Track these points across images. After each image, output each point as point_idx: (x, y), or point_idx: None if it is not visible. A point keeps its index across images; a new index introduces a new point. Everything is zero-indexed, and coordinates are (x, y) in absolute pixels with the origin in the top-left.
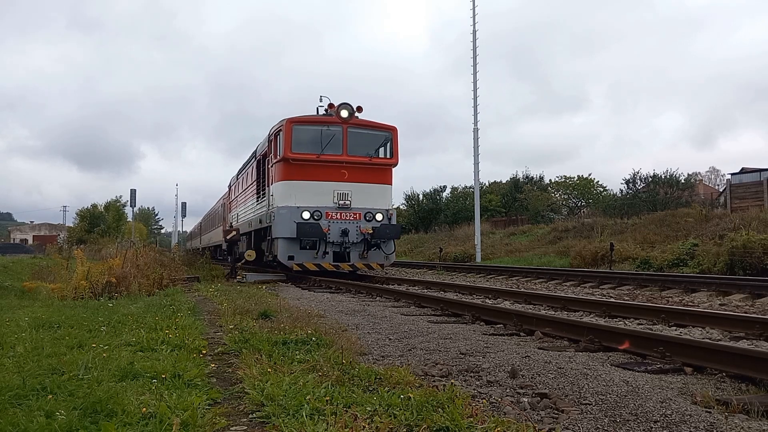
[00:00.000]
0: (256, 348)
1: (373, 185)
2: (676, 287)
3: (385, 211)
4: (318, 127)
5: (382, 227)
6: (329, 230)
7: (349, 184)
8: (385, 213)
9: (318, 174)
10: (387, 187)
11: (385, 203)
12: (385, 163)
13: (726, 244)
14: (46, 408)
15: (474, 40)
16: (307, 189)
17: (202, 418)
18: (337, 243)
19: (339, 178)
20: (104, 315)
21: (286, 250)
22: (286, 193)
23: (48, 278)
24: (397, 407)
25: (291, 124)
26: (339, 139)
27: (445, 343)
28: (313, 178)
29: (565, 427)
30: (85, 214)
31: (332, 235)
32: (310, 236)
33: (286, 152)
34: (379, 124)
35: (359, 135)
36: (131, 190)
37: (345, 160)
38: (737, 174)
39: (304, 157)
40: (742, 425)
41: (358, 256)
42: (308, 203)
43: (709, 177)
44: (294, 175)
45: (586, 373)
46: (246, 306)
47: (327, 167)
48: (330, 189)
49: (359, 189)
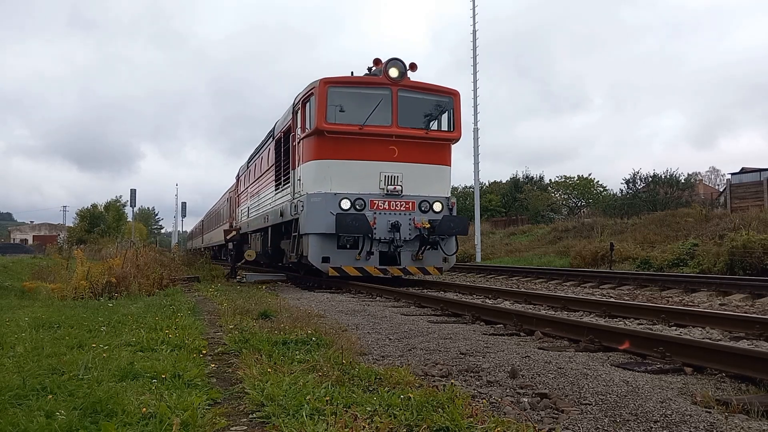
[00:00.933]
0: (256, 348)
1: (429, 166)
2: (676, 287)
3: (445, 200)
4: (361, 90)
5: (445, 220)
6: (375, 224)
7: (400, 165)
8: (444, 202)
9: (360, 151)
10: (446, 168)
11: (443, 189)
12: (445, 137)
13: (726, 244)
14: (46, 408)
15: (474, 41)
16: (346, 170)
17: (202, 418)
18: (384, 241)
19: (387, 157)
20: (104, 315)
21: (319, 249)
22: (319, 176)
23: (48, 278)
24: (397, 407)
25: (326, 85)
26: (387, 106)
27: (445, 343)
28: (354, 157)
29: (565, 427)
30: (85, 214)
31: (379, 231)
32: (353, 231)
33: (320, 122)
34: (438, 87)
35: (413, 101)
36: (131, 190)
37: (395, 132)
38: (737, 174)
39: (343, 128)
40: (742, 425)
41: (411, 258)
42: (348, 189)
43: (709, 177)
44: (330, 153)
45: (586, 373)
46: (246, 306)
47: (372, 142)
48: (375, 171)
49: (412, 171)
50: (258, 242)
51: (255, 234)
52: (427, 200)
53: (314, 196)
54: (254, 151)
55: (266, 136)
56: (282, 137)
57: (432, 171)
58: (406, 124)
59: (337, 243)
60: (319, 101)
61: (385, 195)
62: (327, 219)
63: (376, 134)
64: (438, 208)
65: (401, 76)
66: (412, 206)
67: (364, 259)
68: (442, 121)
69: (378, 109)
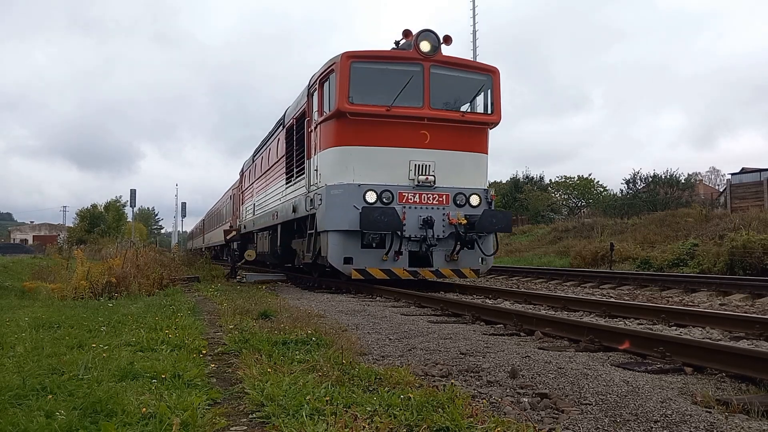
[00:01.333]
0: (256, 348)
1: (465, 154)
2: (676, 287)
3: (483, 193)
4: (388, 66)
5: (486, 215)
6: (405, 220)
7: (433, 152)
8: (483, 195)
9: (387, 136)
10: (483, 156)
11: (481, 180)
12: (483, 120)
13: (726, 244)
14: (46, 408)
15: (474, 41)
16: (371, 158)
17: (202, 418)
18: (415, 239)
19: (418, 143)
20: (104, 315)
21: (341, 248)
22: (340, 165)
23: (48, 278)
24: (397, 407)
25: (349, 60)
26: (419, 84)
27: (445, 343)
28: (380, 143)
29: (565, 427)
30: (85, 214)
31: (409, 228)
32: (381, 228)
33: (342, 102)
34: (475, 64)
35: (447, 79)
36: (131, 190)
37: (427, 115)
38: (737, 174)
39: (367, 110)
40: (742, 425)
41: (444, 259)
42: (373, 179)
43: (709, 177)
44: (352, 138)
45: (587, 373)
46: (246, 306)
47: (400, 126)
48: (404, 159)
49: (446, 159)
50: (265, 242)
51: (262, 233)
52: (463, 193)
53: (334, 188)
54: (261, 143)
55: (275, 126)
56: (294, 124)
57: (468, 159)
58: (439, 106)
59: (361, 241)
60: (341, 79)
61: (416, 187)
62: (350, 214)
63: (405, 117)
64: (475, 201)
65: (434, 51)
66: (446, 199)
67: (391, 260)
68: (484, 100)
69: (408, 88)
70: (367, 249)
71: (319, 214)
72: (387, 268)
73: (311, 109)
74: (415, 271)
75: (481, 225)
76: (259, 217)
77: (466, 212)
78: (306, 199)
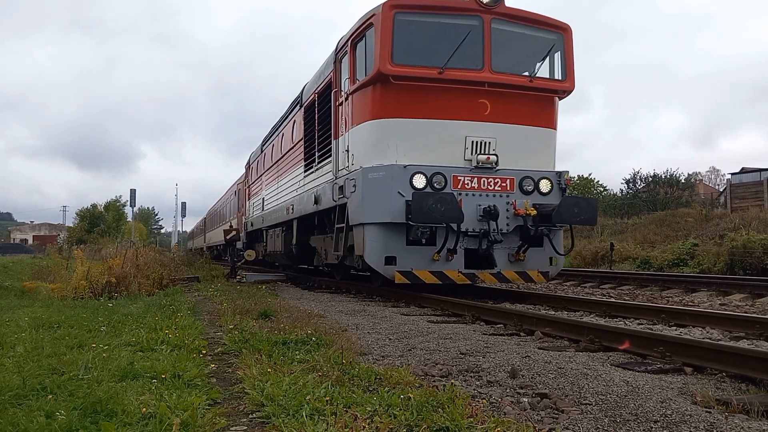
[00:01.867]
0: (256, 348)
1: (532, 129)
2: (676, 287)
3: (555, 176)
4: (441, 19)
5: (566, 203)
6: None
7: (494, 126)
8: (554, 179)
9: (439, 106)
10: (552, 133)
11: (549, 162)
12: (554, 88)
13: (726, 244)
14: (46, 408)
15: None
16: (418, 134)
17: (202, 418)
18: (473, 234)
19: (476, 115)
20: (104, 315)
21: (381, 246)
22: (380, 143)
23: (48, 278)
24: (397, 407)
25: (393, 10)
26: (478, 42)
27: (445, 343)
28: (429, 114)
29: (565, 427)
30: (85, 214)
31: (466, 220)
32: (437, 219)
33: (384, 63)
34: (545, 19)
35: (511, 36)
36: (131, 190)
37: (488, 79)
38: (737, 174)
39: (415, 72)
40: (742, 425)
41: (508, 259)
42: (422, 159)
43: (709, 177)
44: (395, 109)
45: (586, 373)
46: (246, 306)
47: (455, 93)
48: (459, 134)
49: (510, 135)
50: (278, 240)
51: (273, 230)
52: (531, 176)
53: (373, 171)
54: (271, 130)
55: (289, 108)
56: (316, 100)
57: (535, 136)
58: (502, 69)
59: (406, 237)
60: (383, 34)
61: (474, 169)
62: (393, 202)
63: (461, 82)
64: (545, 187)
65: (496, 1)
66: (511, 185)
67: (444, 260)
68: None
69: (464, 46)
70: (413, 246)
71: (353, 203)
72: (439, 271)
73: (339, 79)
74: (473, 273)
75: (560, 215)
76: (270, 213)
77: (534, 201)
78: (333, 187)
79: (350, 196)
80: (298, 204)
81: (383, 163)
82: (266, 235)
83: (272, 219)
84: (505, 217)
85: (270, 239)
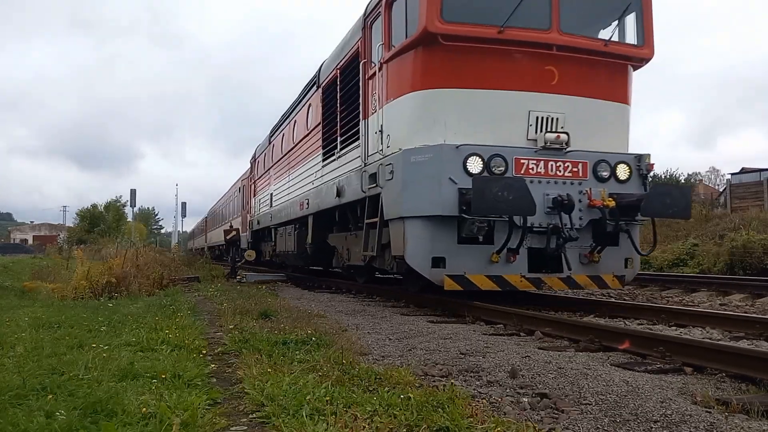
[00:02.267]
0: (256, 348)
1: (606, 104)
2: (676, 287)
3: (634, 160)
4: None
5: (658, 193)
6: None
7: (563, 99)
8: (633, 164)
9: (497, 74)
10: (627, 109)
11: (623, 143)
12: (631, 55)
13: (726, 244)
14: (46, 408)
15: None
16: (472, 107)
17: (202, 418)
18: (539, 229)
19: (541, 85)
20: (104, 315)
21: (427, 244)
22: (425, 118)
23: (48, 278)
24: (397, 407)
25: None
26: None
27: (445, 343)
28: (485, 84)
29: (565, 427)
30: (85, 214)
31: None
32: (504, 210)
33: (431, 20)
34: None
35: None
36: (131, 190)
37: (556, 42)
38: (737, 174)
39: (470, 31)
40: (742, 425)
41: (579, 260)
42: (476, 138)
43: (709, 177)
44: (445, 76)
45: (586, 373)
46: (246, 306)
47: (516, 59)
48: (521, 108)
49: (581, 110)
50: (289, 239)
51: (283, 228)
52: (607, 160)
53: (417, 153)
54: (280, 118)
55: (303, 91)
56: (338, 77)
57: (610, 112)
58: (572, 30)
59: (458, 233)
60: None
61: (540, 150)
62: (442, 191)
63: (524, 44)
64: (624, 173)
65: None
66: (583, 170)
67: (503, 262)
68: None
69: (528, 1)
70: (465, 245)
71: (389, 193)
72: (497, 275)
73: (369, 47)
74: (538, 278)
75: (650, 207)
76: (280, 209)
77: (611, 190)
78: (361, 176)
79: (385, 184)
80: (315, 198)
81: (429, 143)
82: (275, 234)
83: (282, 216)
84: (580, 210)
85: (280, 238)
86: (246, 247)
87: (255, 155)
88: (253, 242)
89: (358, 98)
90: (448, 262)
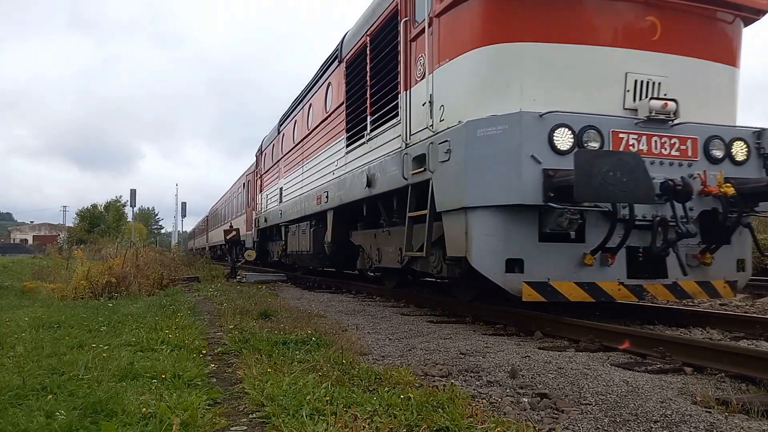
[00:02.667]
0: (256, 348)
1: (713, 65)
2: None
3: (752, 137)
4: None
5: None
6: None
7: (667, 59)
8: (751, 140)
9: (585, 26)
10: (735, 72)
11: (732, 115)
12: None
13: None
14: (46, 408)
15: None
16: (555, 66)
17: (202, 418)
18: (642, 222)
19: (640, 41)
20: (104, 315)
21: (500, 242)
22: (494, 80)
23: (48, 278)
24: (397, 407)
25: None
26: None
27: (445, 343)
28: (570, 38)
29: (565, 427)
30: (85, 214)
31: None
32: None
33: None
34: None
35: None
36: (131, 190)
37: None
38: None
39: None
40: (742, 425)
41: (686, 262)
42: (563, 105)
43: None
44: (521, 28)
45: (586, 373)
46: (246, 306)
47: (610, 6)
48: (617, 69)
49: (688, 73)
50: (303, 237)
51: (295, 225)
52: (720, 136)
53: (485, 125)
54: (291, 104)
55: (320, 70)
56: (368, 46)
57: (720, 76)
58: None
59: (539, 229)
60: None
61: (641, 123)
62: (522, 172)
63: None
64: (741, 153)
65: None
66: (693, 148)
67: (598, 265)
68: None
69: None
70: (547, 243)
71: (444, 178)
72: (590, 282)
73: (412, 2)
74: (640, 286)
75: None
76: (292, 204)
77: (729, 173)
78: (402, 160)
79: (438, 167)
80: (337, 189)
81: (501, 112)
82: (286, 232)
83: (295, 212)
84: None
85: (292, 237)
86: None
87: (261, 147)
88: (260, 241)
89: (396, 66)
90: (527, 266)
